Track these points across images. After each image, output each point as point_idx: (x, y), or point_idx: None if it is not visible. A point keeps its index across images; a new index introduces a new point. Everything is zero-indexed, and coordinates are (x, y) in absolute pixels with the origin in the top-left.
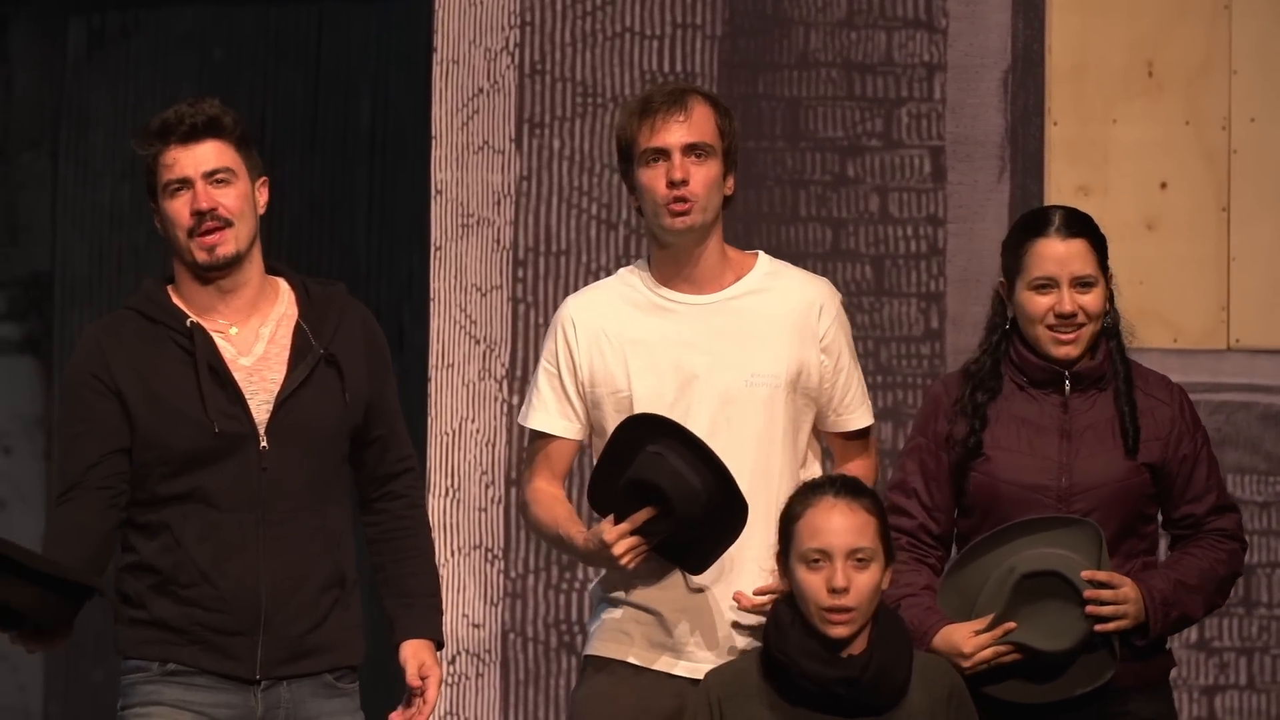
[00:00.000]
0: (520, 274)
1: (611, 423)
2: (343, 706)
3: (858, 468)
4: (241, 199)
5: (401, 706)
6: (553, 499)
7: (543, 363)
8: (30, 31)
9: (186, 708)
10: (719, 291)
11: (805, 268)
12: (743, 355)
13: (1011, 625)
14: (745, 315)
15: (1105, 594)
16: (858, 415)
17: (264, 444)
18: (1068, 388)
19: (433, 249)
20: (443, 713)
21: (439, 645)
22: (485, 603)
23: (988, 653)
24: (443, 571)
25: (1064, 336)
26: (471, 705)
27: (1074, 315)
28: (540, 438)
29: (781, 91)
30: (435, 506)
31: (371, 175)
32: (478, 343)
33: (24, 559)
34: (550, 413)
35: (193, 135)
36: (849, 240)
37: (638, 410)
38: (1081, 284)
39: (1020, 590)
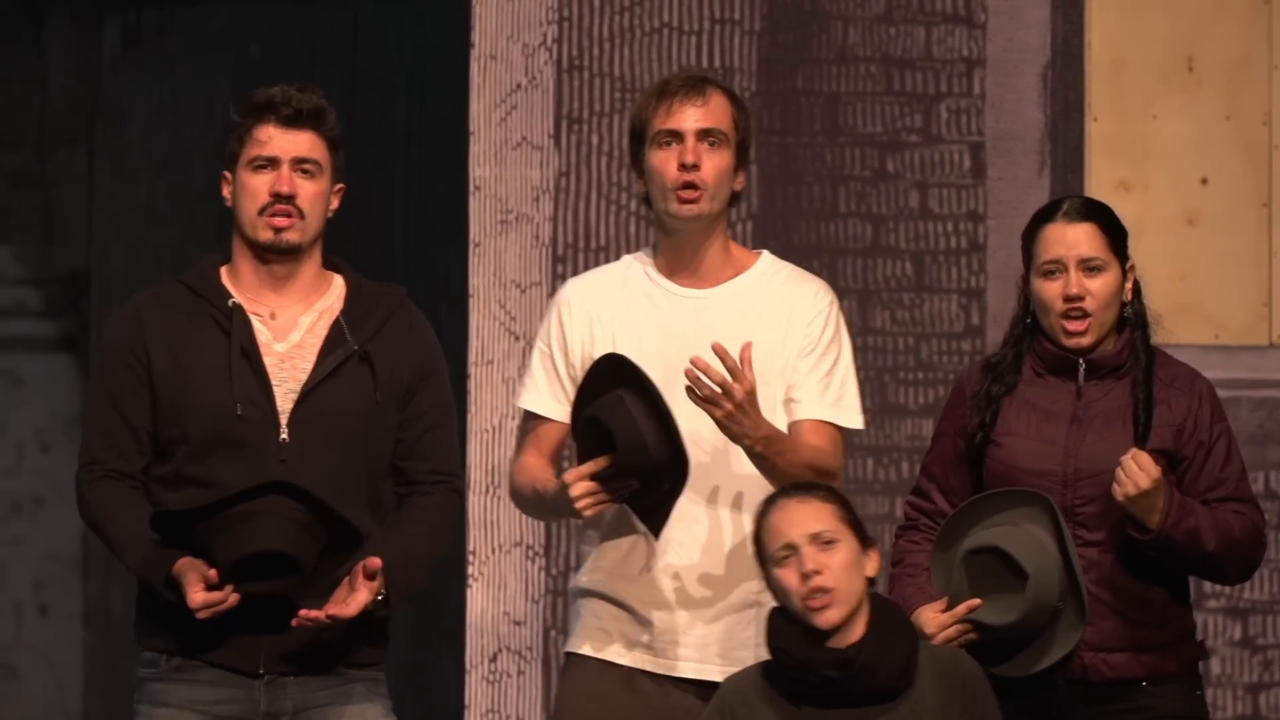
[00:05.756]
0: (560, 270)
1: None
2: (360, 699)
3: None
4: (319, 196)
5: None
6: (534, 467)
7: (538, 343)
8: (66, 29)
9: (190, 707)
10: (716, 286)
11: (845, 263)
12: (731, 351)
13: (976, 602)
14: (738, 311)
15: (1129, 464)
16: (809, 406)
17: (284, 436)
18: (1081, 375)
19: (471, 245)
20: (484, 710)
21: (388, 592)
22: (527, 600)
23: (950, 631)
24: (483, 569)
25: (1072, 326)
26: (513, 702)
27: (1081, 298)
28: (531, 418)
29: (820, 87)
30: (476, 504)
31: (408, 172)
32: (517, 339)
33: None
34: (542, 393)
35: (294, 120)
36: (889, 236)
37: None
38: (1089, 268)
39: (972, 568)
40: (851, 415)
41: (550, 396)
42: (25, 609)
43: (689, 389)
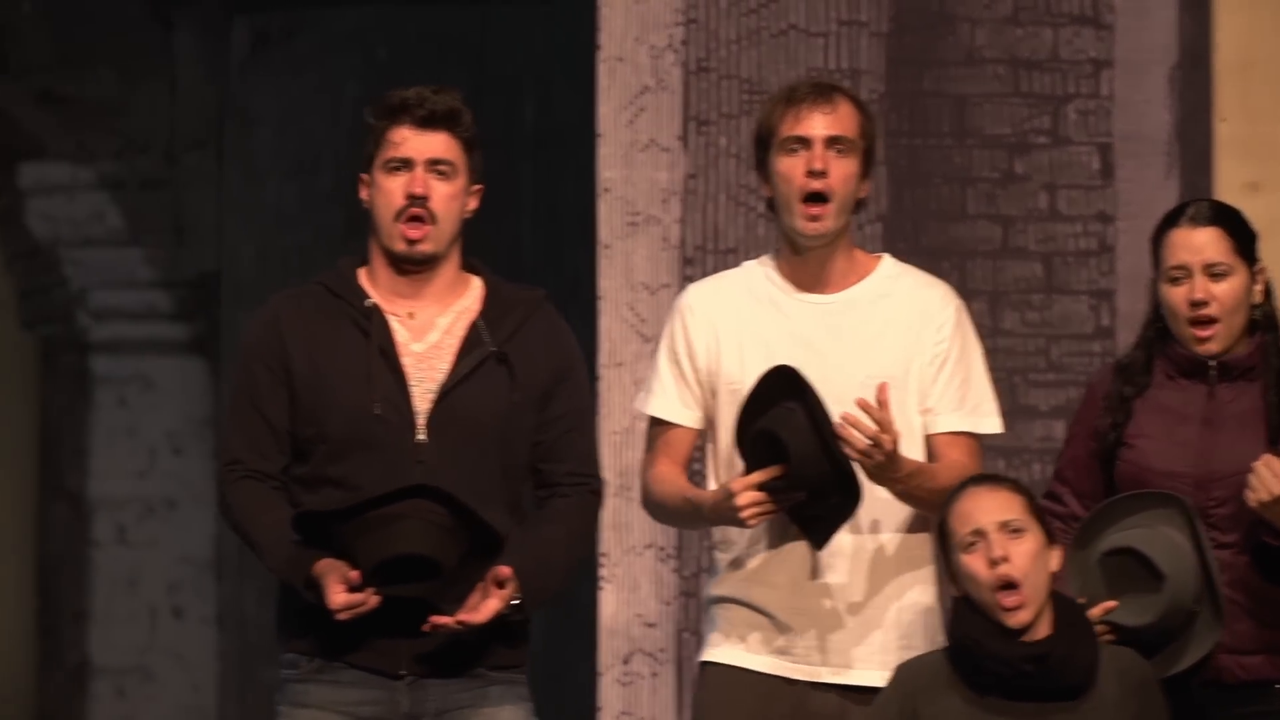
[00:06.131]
0: (688, 272)
1: (725, 415)
2: (499, 701)
3: (944, 469)
4: (453, 198)
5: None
6: (675, 476)
7: (662, 349)
8: (195, 33)
9: (332, 708)
10: (840, 292)
11: (974, 265)
12: (859, 357)
13: (1112, 604)
14: (864, 317)
15: (1262, 470)
16: (946, 418)
17: (421, 436)
18: (1213, 377)
19: (600, 247)
20: (618, 712)
21: (522, 597)
22: (659, 602)
23: None
24: (616, 571)
25: (1201, 333)
26: (646, 704)
27: (1206, 303)
28: (659, 424)
29: (948, 88)
30: (608, 506)
31: (536, 174)
32: (647, 341)
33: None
34: (670, 400)
35: (429, 122)
36: (1018, 237)
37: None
38: (1214, 273)
39: (1108, 569)
40: (990, 420)
41: (679, 403)
42: (159, 612)
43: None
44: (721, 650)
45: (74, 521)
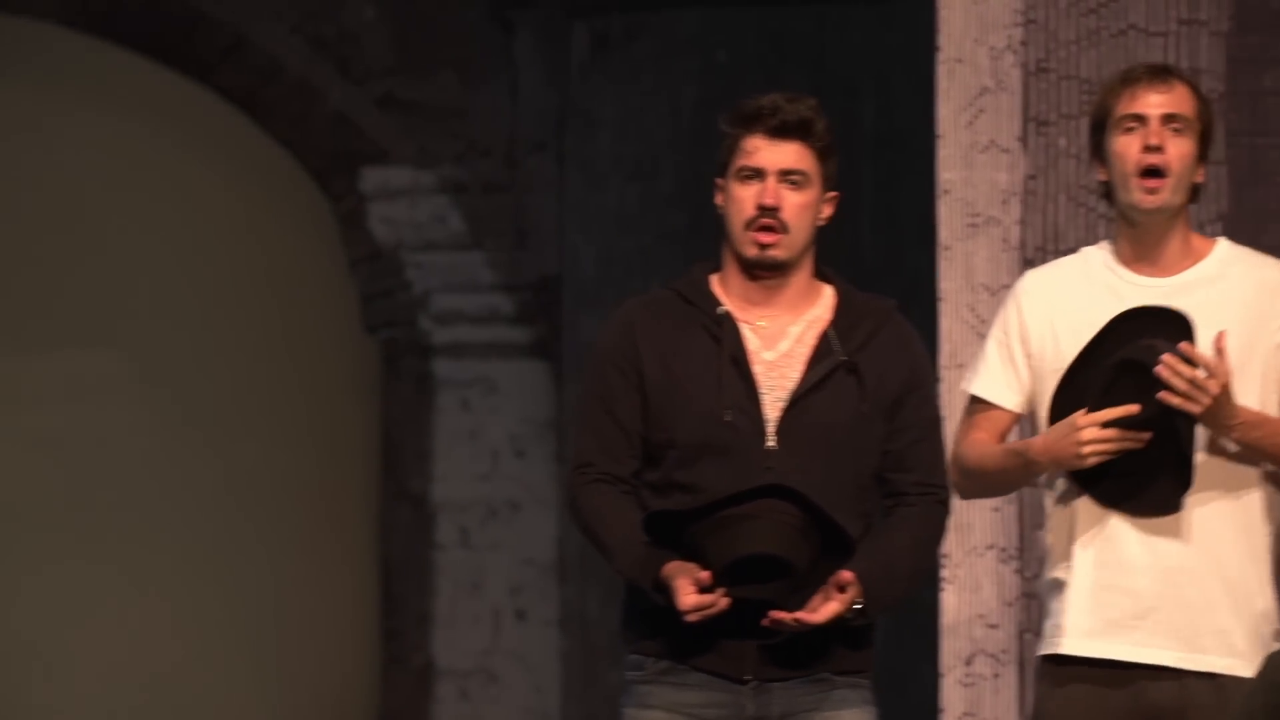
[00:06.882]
0: None
1: (1050, 398)
2: (843, 705)
3: None
4: (805, 207)
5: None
6: (990, 440)
7: (994, 331)
8: (536, 37)
9: (677, 710)
10: (1175, 275)
11: None
12: (1199, 338)
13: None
14: (1203, 298)
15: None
16: None
17: (771, 443)
18: None
19: (941, 248)
20: (960, 713)
21: (865, 603)
22: (1000, 603)
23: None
24: (957, 572)
25: None
26: (989, 705)
27: None
28: (979, 403)
29: None
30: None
31: (876, 175)
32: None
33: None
34: (995, 380)
35: (781, 132)
36: None
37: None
38: None
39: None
40: None
41: (1003, 384)
42: (503, 614)
43: (1162, 390)
44: (1056, 640)
45: (417, 524)
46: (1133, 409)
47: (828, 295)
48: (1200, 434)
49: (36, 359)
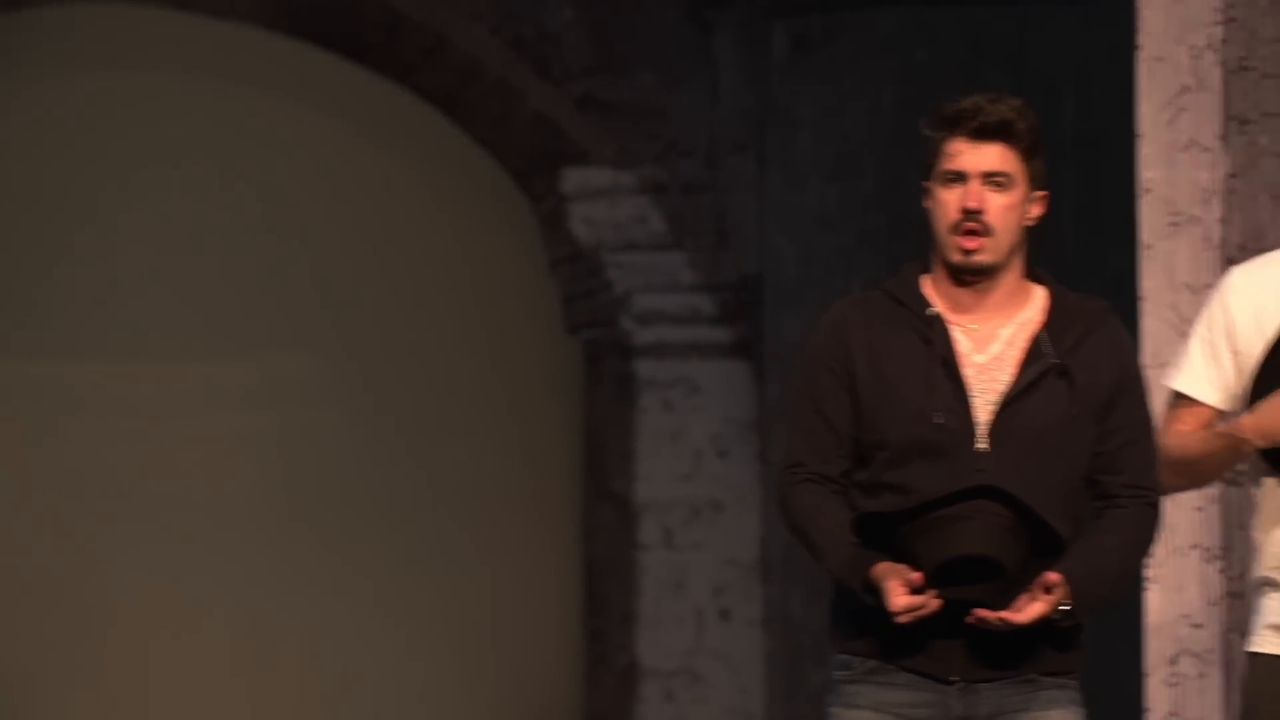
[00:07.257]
0: None
1: (1253, 376)
2: (1049, 705)
3: None
4: (1010, 209)
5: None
6: (1191, 433)
7: (1199, 327)
8: (735, 37)
9: (884, 709)
10: None
11: None
12: None
13: None
14: None
15: None
16: None
17: (982, 445)
18: None
19: (1142, 248)
20: (1165, 713)
21: (1072, 604)
22: (1205, 603)
23: None
24: (1161, 571)
25: None
26: (1194, 706)
27: None
28: (1181, 399)
29: None
30: None
31: (1076, 174)
32: None
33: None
34: (1197, 376)
35: (982, 134)
36: None
37: None
38: None
39: None
40: None
41: (1205, 380)
42: (706, 614)
43: None
44: (1263, 638)
45: (620, 524)
46: None
47: (1039, 297)
48: None
49: (241, 362)
